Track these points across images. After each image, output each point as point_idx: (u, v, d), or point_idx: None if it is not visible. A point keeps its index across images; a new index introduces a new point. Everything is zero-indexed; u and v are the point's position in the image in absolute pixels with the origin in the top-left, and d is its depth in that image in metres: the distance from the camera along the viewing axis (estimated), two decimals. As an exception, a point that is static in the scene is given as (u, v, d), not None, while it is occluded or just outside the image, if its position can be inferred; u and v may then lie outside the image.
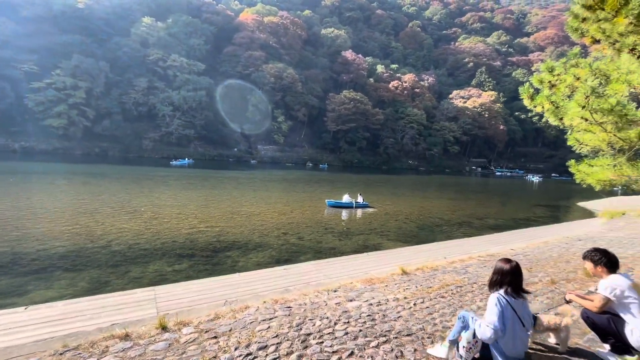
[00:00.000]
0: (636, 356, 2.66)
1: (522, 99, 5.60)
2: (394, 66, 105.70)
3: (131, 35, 68.17)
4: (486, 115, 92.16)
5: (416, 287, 5.59)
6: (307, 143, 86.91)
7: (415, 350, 3.32)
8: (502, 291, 2.67)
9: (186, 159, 57.10)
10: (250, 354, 3.28)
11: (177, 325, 3.98)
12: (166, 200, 18.22)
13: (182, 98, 67.58)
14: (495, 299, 2.65)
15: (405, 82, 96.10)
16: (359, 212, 17.87)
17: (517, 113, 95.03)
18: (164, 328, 3.85)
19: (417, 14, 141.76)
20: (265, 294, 5.57)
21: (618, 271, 2.76)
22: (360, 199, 19.37)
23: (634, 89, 4.87)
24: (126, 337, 3.61)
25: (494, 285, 2.74)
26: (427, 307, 4.60)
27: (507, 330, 2.59)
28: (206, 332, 3.82)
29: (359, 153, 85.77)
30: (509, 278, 2.68)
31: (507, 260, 2.77)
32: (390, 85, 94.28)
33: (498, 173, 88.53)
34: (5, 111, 49.39)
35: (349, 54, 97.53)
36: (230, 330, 3.86)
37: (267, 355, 3.25)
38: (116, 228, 11.44)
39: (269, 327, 3.95)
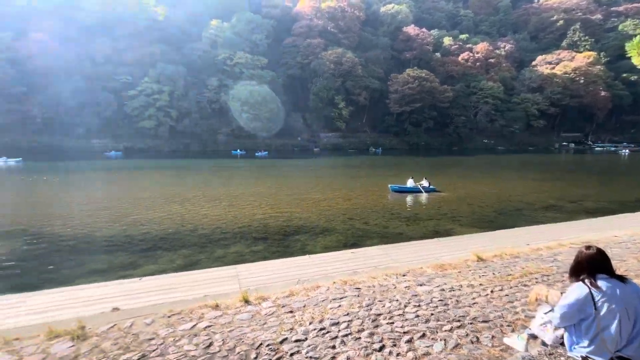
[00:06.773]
0: None
1: (631, 56, 4.68)
2: (463, 36, 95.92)
3: (202, 39, 74.28)
4: (581, 81, 78.14)
5: (493, 274, 5.22)
6: (369, 127, 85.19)
7: (492, 337, 3.16)
8: (584, 279, 2.41)
9: (240, 150, 62.88)
10: (323, 328, 3.49)
11: (257, 299, 4.41)
12: (240, 188, 19.89)
13: (249, 92, 71.86)
14: (575, 286, 2.45)
15: (477, 52, 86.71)
16: (426, 196, 17.06)
17: (625, 75, 78.69)
18: (247, 301, 4.31)
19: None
20: (335, 275, 5.80)
21: None
22: (425, 183, 18.22)
23: None
24: (216, 307, 4.14)
25: (572, 273, 2.53)
26: (507, 295, 4.28)
27: (582, 320, 2.34)
28: (283, 306, 4.17)
29: (425, 134, 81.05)
30: (589, 265, 2.40)
31: (588, 247, 2.49)
32: (459, 58, 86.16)
33: (598, 148, 75.25)
34: (110, 117, 59.46)
35: (411, 30, 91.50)
36: (304, 307, 4.14)
37: (339, 330, 3.42)
38: (201, 215, 12.94)
39: (339, 305, 4.13)
